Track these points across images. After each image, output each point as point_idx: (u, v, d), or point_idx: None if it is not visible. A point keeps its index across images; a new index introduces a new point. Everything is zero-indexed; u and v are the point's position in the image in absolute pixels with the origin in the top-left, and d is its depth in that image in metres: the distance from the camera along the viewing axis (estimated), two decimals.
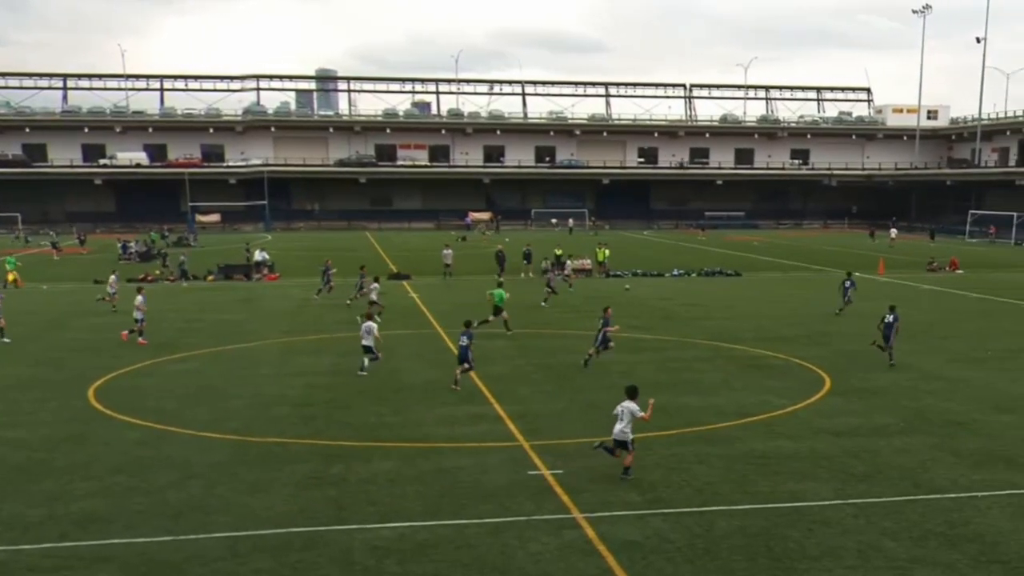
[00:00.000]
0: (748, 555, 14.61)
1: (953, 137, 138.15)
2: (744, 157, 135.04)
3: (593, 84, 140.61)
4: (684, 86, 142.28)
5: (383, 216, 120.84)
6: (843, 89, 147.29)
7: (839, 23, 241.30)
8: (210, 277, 55.96)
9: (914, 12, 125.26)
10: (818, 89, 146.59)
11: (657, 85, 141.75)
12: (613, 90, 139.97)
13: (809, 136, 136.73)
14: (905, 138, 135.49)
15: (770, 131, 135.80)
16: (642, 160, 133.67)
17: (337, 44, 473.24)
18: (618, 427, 18.23)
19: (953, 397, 25.20)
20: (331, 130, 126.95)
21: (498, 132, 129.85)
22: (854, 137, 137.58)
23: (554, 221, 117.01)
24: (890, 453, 19.93)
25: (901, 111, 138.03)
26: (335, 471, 18.60)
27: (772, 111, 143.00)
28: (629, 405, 18.21)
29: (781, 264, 67.42)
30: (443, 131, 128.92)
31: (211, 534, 15.41)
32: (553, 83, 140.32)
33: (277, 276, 56.56)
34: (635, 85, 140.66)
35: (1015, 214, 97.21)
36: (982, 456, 19.74)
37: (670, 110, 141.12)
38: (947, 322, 39.12)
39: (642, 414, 18.08)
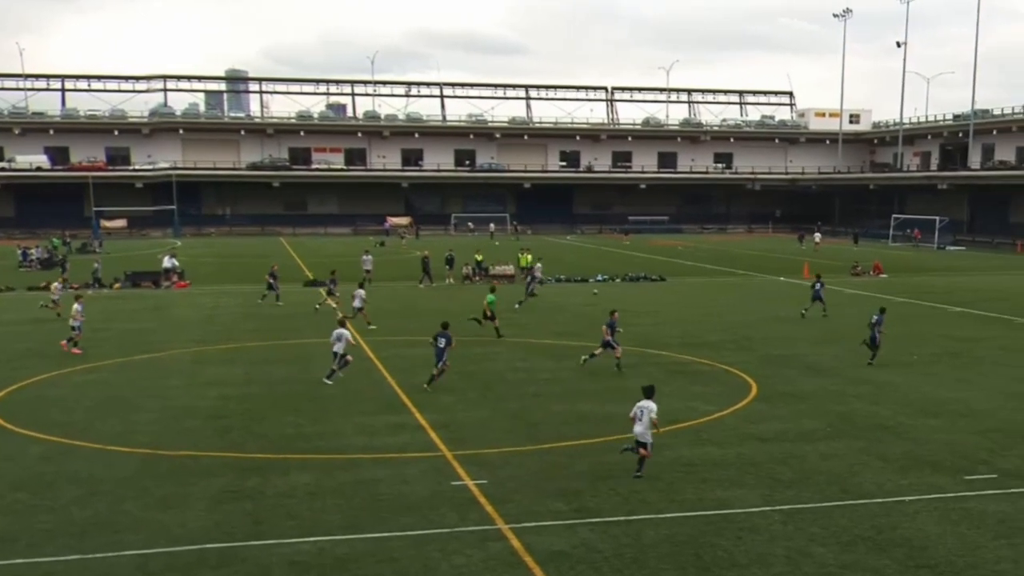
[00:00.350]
0: (677, 564, 14.72)
1: (875, 141, 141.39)
2: (667, 161, 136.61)
3: (513, 86, 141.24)
4: (606, 89, 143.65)
5: (298, 221, 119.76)
6: (766, 93, 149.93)
7: (760, 26, 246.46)
8: (116, 285, 54.84)
9: (835, 16, 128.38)
10: (740, 93, 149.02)
11: (578, 88, 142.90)
12: (534, 92, 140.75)
13: (732, 140, 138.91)
14: (828, 142, 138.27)
15: (693, 135, 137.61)
16: (564, 164, 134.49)
17: (248, 44, 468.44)
18: (638, 428, 18.82)
19: (880, 401, 25.73)
20: (242, 132, 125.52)
21: (416, 135, 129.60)
22: (777, 141, 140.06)
23: (470, 225, 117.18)
24: (817, 458, 20.26)
25: (823, 115, 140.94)
26: (251, 484, 18.34)
27: (695, 114, 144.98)
28: (647, 405, 18.83)
29: (706, 269, 68.29)
30: (359, 134, 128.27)
31: (120, 552, 15.07)
32: (472, 85, 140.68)
33: (187, 284, 55.69)
34: (556, 88, 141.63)
35: (937, 218, 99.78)
36: (909, 460, 20.16)
37: (592, 113, 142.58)
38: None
39: (656, 417, 18.71)
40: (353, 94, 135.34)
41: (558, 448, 20.84)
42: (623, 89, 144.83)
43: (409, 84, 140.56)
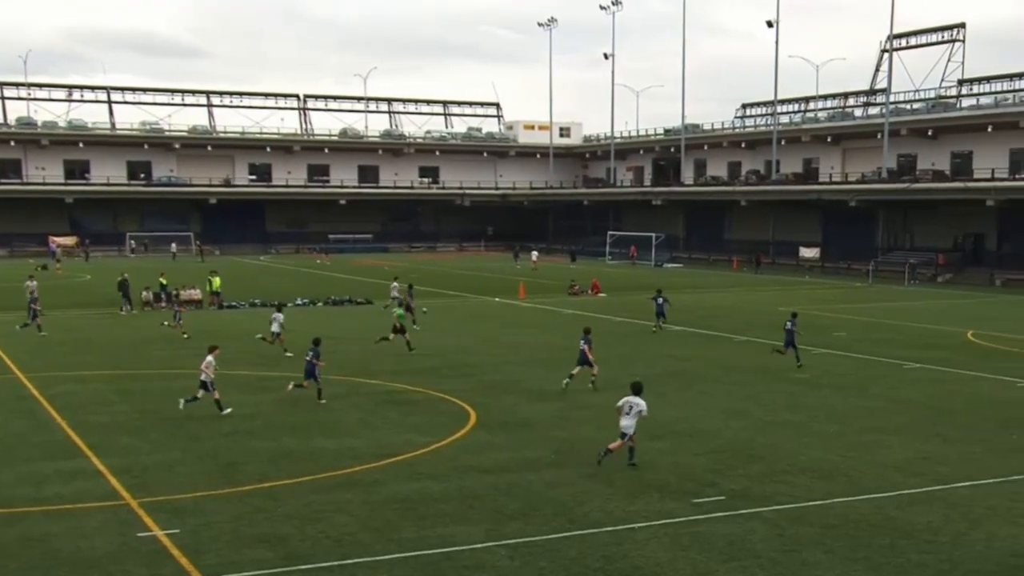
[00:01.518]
0: None
1: (587, 156, 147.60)
2: (368, 175, 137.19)
3: (193, 92, 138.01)
4: (298, 96, 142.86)
5: None
6: (471, 103, 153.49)
7: (462, 34, 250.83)
8: None
9: (540, 25, 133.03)
10: (445, 103, 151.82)
11: (267, 95, 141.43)
12: (216, 99, 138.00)
13: (438, 153, 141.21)
14: (539, 156, 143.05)
15: (396, 147, 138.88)
16: (254, 177, 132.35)
17: None
18: (625, 421, 21.89)
19: (605, 426, 26.40)
20: None
21: (81, 144, 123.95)
22: (486, 154, 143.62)
23: (132, 245, 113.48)
24: (543, 487, 20.72)
25: (533, 127, 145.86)
26: None
27: (396, 125, 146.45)
28: (637, 401, 21.93)
29: (416, 291, 68.61)
30: (12, 143, 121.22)
31: None
32: (145, 90, 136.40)
33: None
34: (242, 94, 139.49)
35: (654, 234, 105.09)
36: (636, 486, 20.93)
37: (283, 122, 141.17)
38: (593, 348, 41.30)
39: (646, 414, 22.06)
40: (3, 98, 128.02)
41: (260, 490, 20.32)
42: (317, 97, 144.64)
43: (71, 88, 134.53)
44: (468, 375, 34.40)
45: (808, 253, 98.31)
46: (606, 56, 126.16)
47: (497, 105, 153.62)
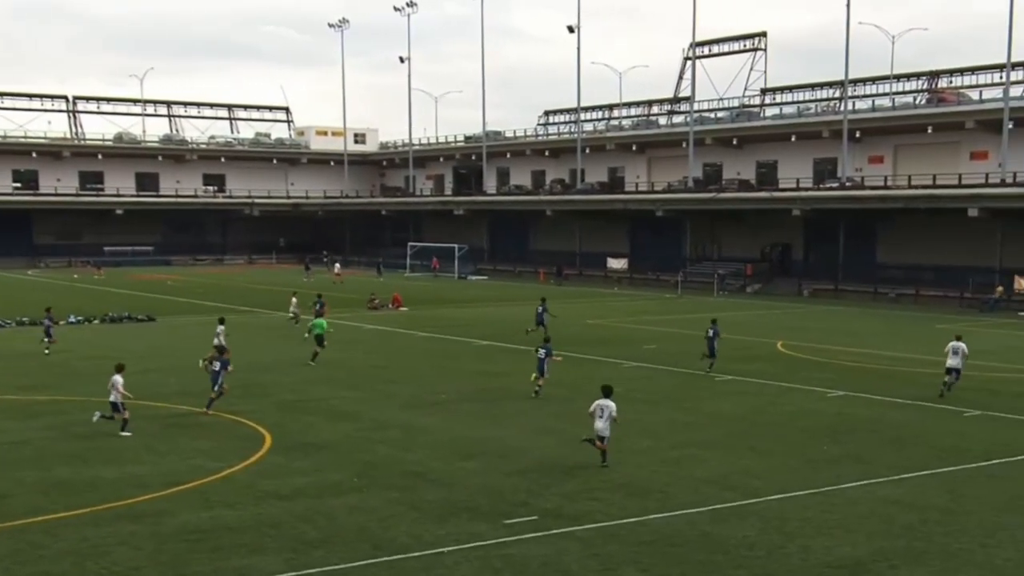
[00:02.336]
0: None
1: (385, 163, 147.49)
2: (147, 183, 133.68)
3: None
4: (66, 98, 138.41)
5: None
6: (259, 108, 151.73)
7: (244, 34, 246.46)
8: None
9: (331, 26, 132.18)
10: (230, 107, 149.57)
11: (31, 96, 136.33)
12: None
13: (223, 159, 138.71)
14: (333, 163, 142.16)
15: (177, 153, 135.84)
16: (19, 185, 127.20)
17: None
18: (599, 424, 23.76)
19: (410, 446, 26.57)
20: None
21: None
22: (275, 161, 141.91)
23: None
24: (346, 513, 20.51)
25: (326, 134, 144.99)
26: None
27: (177, 130, 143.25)
28: (606, 403, 23.82)
29: (203, 306, 67.42)
30: None
31: None
32: None
33: None
34: (2, 95, 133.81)
35: (456, 246, 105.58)
36: (445, 508, 20.93)
37: (50, 126, 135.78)
38: (396, 365, 41.27)
39: (616, 416, 23.77)
40: None
41: (34, 524, 19.48)
42: (88, 99, 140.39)
43: None
44: (262, 395, 33.81)
45: (616, 264, 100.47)
46: (402, 60, 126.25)
47: (287, 109, 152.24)
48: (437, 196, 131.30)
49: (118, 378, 27.76)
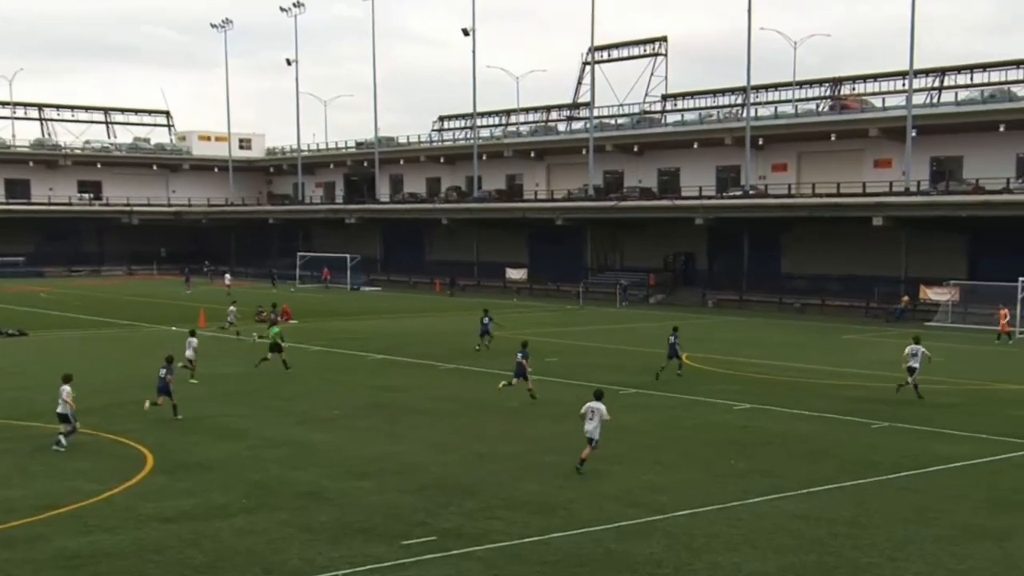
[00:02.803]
0: None
1: (272, 170, 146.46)
2: (18, 189, 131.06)
3: None
4: None
5: None
6: (137, 111, 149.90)
7: (121, 34, 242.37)
8: None
9: (213, 26, 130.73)
10: (107, 110, 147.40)
11: None
12: None
13: (99, 165, 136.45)
14: (217, 170, 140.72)
15: (49, 158, 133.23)
16: None
17: None
18: (589, 426, 25.04)
19: (302, 464, 26.30)
20: None
21: None
22: (155, 168, 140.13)
23: None
24: (233, 536, 20.23)
25: (209, 139, 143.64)
26: None
27: (50, 134, 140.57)
28: (598, 406, 25.11)
29: (80, 320, 66.29)
30: None
31: None
32: None
33: None
34: None
35: (348, 255, 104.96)
36: (339, 529, 20.74)
37: None
38: (289, 381, 40.82)
39: (608, 417, 25.14)
40: None
41: None
42: None
43: None
44: (143, 413, 33.14)
45: (515, 274, 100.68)
46: (289, 62, 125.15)
47: (167, 113, 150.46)
48: (327, 204, 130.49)
49: (67, 388, 27.87)
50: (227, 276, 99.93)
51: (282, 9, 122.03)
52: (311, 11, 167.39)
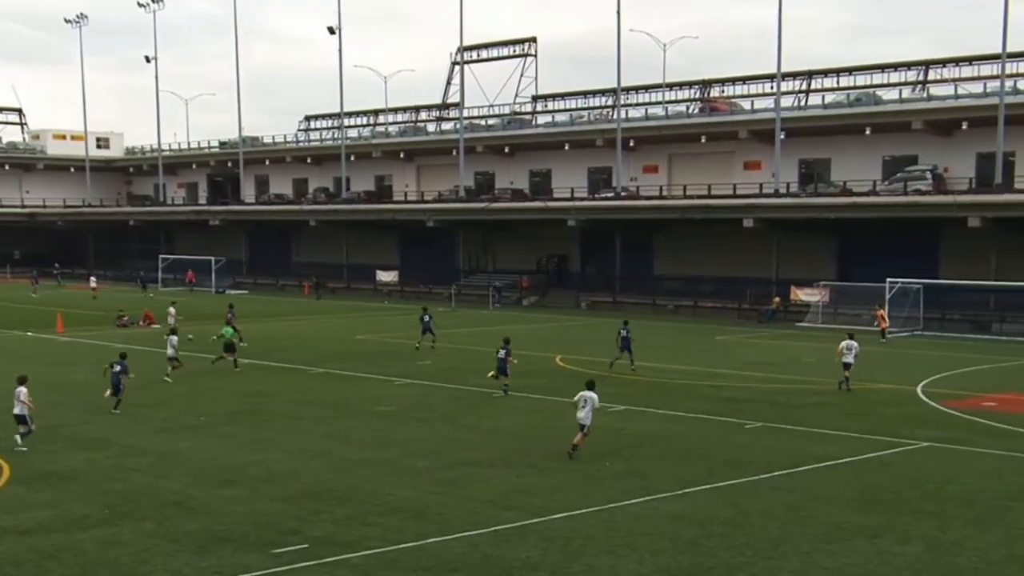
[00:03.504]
0: None
1: (131, 170, 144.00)
2: None
3: None
4: None
5: None
6: None
7: None
8: None
9: (67, 22, 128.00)
10: None
11: None
12: None
13: None
14: (73, 170, 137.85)
15: None
16: None
17: None
18: (581, 413, 27.11)
19: (166, 473, 25.88)
20: None
21: None
22: (7, 167, 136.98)
23: None
24: (97, 548, 19.83)
25: (64, 137, 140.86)
26: None
27: None
28: (590, 395, 27.28)
29: None
30: None
31: None
32: None
33: None
34: None
35: (213, 258, 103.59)
36: (206, 538, 20.44)
37: None
38: (148, 387, 40.12)
39: (599, 405, 27.71)
40: None
41: None
42: None
43: None
44: None
45: (386, 277, 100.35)
46: (148, 59, 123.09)
47: (20, 111, 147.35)
48: (191, 205, 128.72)
49: (23, 389, 28.26)
50: (93, 279, 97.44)
51: (140, 5, 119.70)
52: (170, 8, 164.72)
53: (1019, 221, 66.71)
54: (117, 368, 34.02)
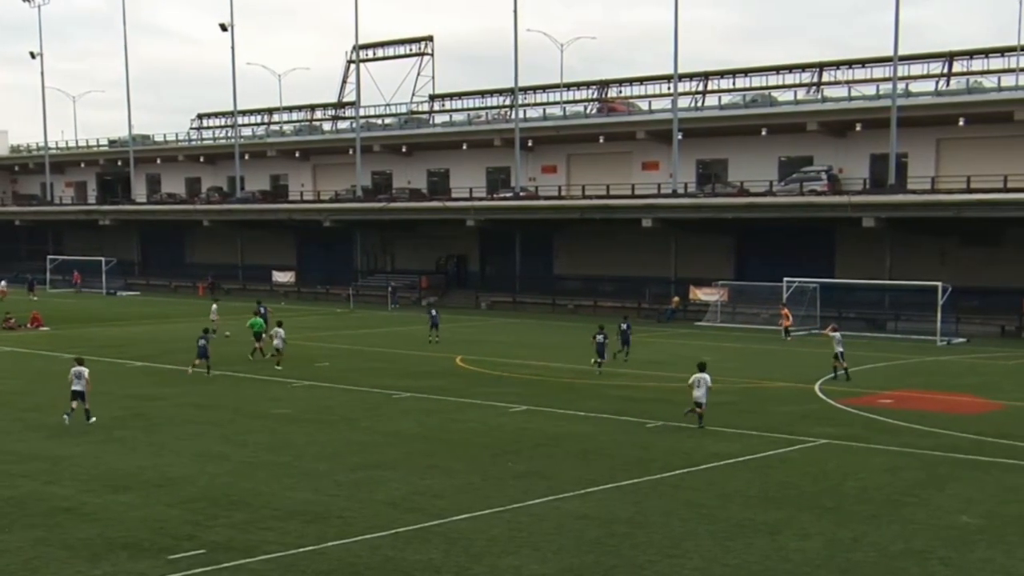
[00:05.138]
0: None
1: (17, 168, 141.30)
2: None
3: None
4: None
5: None
6: None
7: None
8: None
9: None
10: None
11: None
12: None
13: None
14: None
15: None
16: None
17: None
18: (697, 392, 31.71)
19: (57, 479, 25.37)
20: None
21: None
22: None
23: None
24: None
25: None
26: None
27: None
28: (704, 377, 31.72)
29: None
30: None
31: None
32: None
33: None
34: None
35: (103, 258, 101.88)
36: (101, 545, 20.07)
37: None
38: (38, 391, 39.45)
39: (711, 384, 32.07)
40: None
41: None
42: None
43: None
44: None
45: (282, 277, 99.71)
46: (33, 55, 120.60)
47: None
48: (79, 205, 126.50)
49: (83, 369, 30.81)
50: (3, 282, 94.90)
51: (23, 0, 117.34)
52: (56, 3, 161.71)
53: (912, 221, 68.20)
54: (202, 342, 43.16)
